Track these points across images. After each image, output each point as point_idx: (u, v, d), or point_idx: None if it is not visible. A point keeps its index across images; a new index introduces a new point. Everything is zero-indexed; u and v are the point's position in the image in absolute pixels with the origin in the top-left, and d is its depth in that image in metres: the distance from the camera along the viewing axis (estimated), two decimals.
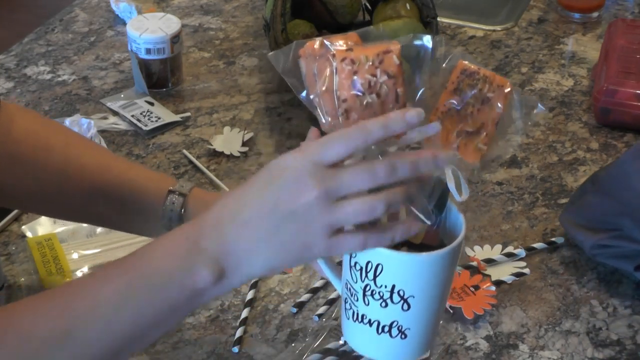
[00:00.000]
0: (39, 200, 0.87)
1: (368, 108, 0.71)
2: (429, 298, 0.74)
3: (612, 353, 0.91)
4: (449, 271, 0.74)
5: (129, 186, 0.85)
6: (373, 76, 0.71)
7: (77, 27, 1.44)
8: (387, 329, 0.74)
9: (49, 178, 0.84)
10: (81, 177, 0.84)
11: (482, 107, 0.74)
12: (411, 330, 0.74)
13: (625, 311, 0.96)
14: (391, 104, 0.71)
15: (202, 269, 0.66)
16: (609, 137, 1.23)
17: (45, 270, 0.96)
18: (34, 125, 0.85)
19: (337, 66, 0.70)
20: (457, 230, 0.75)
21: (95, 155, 0.87)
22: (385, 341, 0.75)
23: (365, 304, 0.74)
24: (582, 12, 1.51)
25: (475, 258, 1.00)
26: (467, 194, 0.72)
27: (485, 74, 0.74)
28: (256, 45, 1.40)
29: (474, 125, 0.74)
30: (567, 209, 1.03)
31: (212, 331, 0.92)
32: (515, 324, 0.94)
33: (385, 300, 0.72)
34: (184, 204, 0.85)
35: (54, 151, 0.84)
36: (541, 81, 1.35)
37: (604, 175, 1.00)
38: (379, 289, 0.72)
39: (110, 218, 0.88)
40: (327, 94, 0.71)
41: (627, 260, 0.97)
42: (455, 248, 0.73)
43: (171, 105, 1.27)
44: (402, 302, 0.72)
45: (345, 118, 0.71)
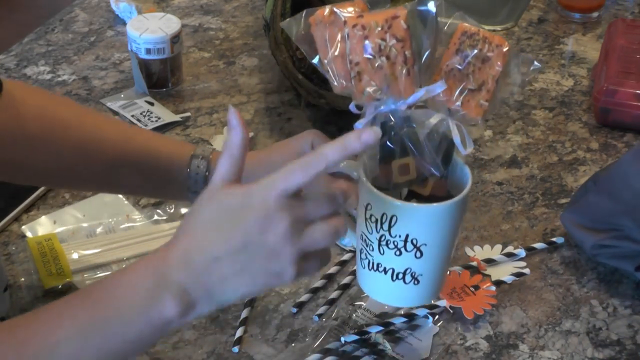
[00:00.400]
0: (62, 176, 0.88)
1: (379, 70, 0.76)
2: (439, 246, 0.79)
3: (612, 353, 0.91)
4: (458, 220, 0.79)
5: (152, 154, 0.86)
6: (383, 40, 0.76)
7: (77, 27, 1.44)
8: (401, 276, 0.79)
9: (69, 154, 0.85)
10: (102, 151, 0.85)
11: (483, 65, 0.78)
12: (423, 277, 0.79)
13: (625, 311, 0.96)
14: (400, 65, 0.77)
15: (170, 300, 0.66)
16: (609, 137, 1.23)
17: (45, 270, 0.96)
18: (46, 104, 0.85)
19: (349, 32, 0.75)
20: (464, 181, 0.79)
21: (112, 127, 0.88)
22: (400, 287, 0.80)
23: (381, 254, 0.78)
24: (582, 12, 1.51)
25: (475, 258, 1.01)
26: (471, 147, 0.78)
27: (484, 35, 0.78)
28: (256, 45, 1.40)
29: (475, 83, 0.78)
30: (568, 208, 1.03)
31: (212, 331, 0.92)
32: (515, 324, 0.94)
33: (400, 249, 0.78)
34: (209, 167, 0.86)
35: (70, 128, 0.85)
36: (541, 81, 1.35)
37: (605, 175, 1.00)
38: (393, 239, 0.77)
39: (135, 186, 0.90)
40: (339, 58, 0.77)
41: (627, 260, 0.97)
42: (463, 198, 0.77)
43: (171, 105, 1.27)
44: (415, 250, 0.77)
45: (357, 80, 0.76)
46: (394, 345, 0.90)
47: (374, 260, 0.80)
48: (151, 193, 0.95)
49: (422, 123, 0.78)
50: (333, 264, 1.00)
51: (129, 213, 1.06)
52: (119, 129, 0.88)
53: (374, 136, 0.69)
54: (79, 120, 0.86)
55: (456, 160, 0.81)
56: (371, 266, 0.80)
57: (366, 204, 0.78)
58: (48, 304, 0.69)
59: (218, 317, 0.93)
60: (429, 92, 0.76)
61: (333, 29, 0.77)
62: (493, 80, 0.79)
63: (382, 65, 0.77)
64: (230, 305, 0.94)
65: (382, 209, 0.77)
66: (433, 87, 0.77)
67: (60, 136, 0.84)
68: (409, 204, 0.78)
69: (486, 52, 0.79)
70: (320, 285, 0.97)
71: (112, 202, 1.08)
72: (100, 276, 0.97)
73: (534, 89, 1.33)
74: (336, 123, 1.24)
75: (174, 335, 0.91)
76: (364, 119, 0.77)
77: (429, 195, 0.81)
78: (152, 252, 0.69)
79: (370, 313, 0.93)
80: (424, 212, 0.77)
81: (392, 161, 0.79)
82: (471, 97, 0.79)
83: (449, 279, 0.96)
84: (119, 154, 0.85)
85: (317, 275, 0.98)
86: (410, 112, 0.78)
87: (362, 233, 0.80)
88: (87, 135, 0.85)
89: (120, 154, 0.85)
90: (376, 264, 0.80)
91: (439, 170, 0.78)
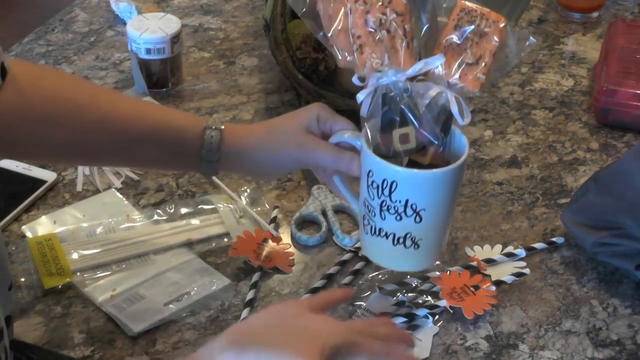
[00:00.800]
0: (79, 153, 0.90)
1: (379, 43, 0.81)
2: (438, 211, 0.83)
3: (612, 353, 0.91)
4: (456, 186, 0.84)
5: (165, 128, 0.89)
6: (383, 14, 0.82)
7: (77, 27, 1.44)
8: (402, 240, 0.84)
9: (86, 133, 0.86)
10: (117, 128, 0.87)
11: (480, 40, 0.83)
12: (423, 241, 0.84)
13: (625, 311, 0.96)
14: (400, 38, 0.82)
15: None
16: (609, 137, 1.23)
17: (45, 270, 0.96)
18: (60, 86, 0.87)
19: (352, 7, 0.81)
20: (461, 151, 0.83)
21: (126, 104, 0.90)
22: (400, 251, 0.84)
23: (382, 219, 0.83)
24: (582, 12, 1.50)
25: (475, 258, 1.01)
26: (468, 117, 0.82)
27: (482, 11, 0.82)
28: (256, 45, 1.40)
29: (473, 57, 0.83)
30: (568, 208, 1.03)
31: (212, 331, 0.92)
32: (515, 324, 0.94)
33: (400, 214, 0.82)
34: (221, 136, 0.89)
35: (85, 108, 0.86)
36: (541, 81, 1.35)
37: (606, 174, 1.00)
38: (394, 204, 0.81)
39: (150, 159, 0.92)
40: (342, 32, 0.82)
41: (628, 259, 0.97)
42: (460, 165, 0.82)
43: (171, 105, 1.27)
44: (415, 215, 0.82)
45: (360, 53, 0.82)
46: None
47: (375, 225, 0.84)
48: (166, 165, 0.98)
49: (421, 95, 0.82)
50: (333, 264, 1.00)
51: (129, 213, 1.06)
52: (132, 106, 0.90)
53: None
54: (93, 99, 0.88)
55: (454, 130, 0.85)
56: (373, 231, 0.85)
57: (368, 170, 0.83)
58: None
59: (218, 317, 0.93)
60: (428, 65, 0.81)
61: (336, 5, 0.82)
62: (490, 54, 0.83)
63: (383, 39, 0.81)
64: (230, 305, 0.94)
65: (383, 175, 0.81)
66: (432, 59, 0.81)
67: (76, 117, 0.86)
68: (409, 170, 0.82)
69: (484, 27, 0.83)
70: (320, 285, 0.97)
71: (112, 202, 1.08)
72: (100, 276, 0.97)
73: (534, 89, 1.33)
74: None
75: (174, 335, 0.91)
76: (366, 90, 0.82)
77: (428, 164, 0.84)
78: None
79: (370, 313, 0.93)
80: (423, 177, 0.81)
81: (393, 130, 0.83)
82: (469, 70, 0.83)
83: (449, 278, 0.97)
84: (133, 130, 0.88)
85: (317, 275, 0.98)
86: (410, 84, 0.82)
87: (365, 199, 0.84)
88: (102, 113, 0.87)
89: (135, 129, 0.88)
90: (378, 229, 0.84)
91: (437, 139, 0.83)
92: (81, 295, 0.95)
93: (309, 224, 1.06)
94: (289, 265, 1.00)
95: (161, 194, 1.10)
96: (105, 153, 0.90)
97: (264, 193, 1.10)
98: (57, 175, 1.11)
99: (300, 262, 1.01)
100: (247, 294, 0.95)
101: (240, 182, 1.11)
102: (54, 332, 0.91)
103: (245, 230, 1.02)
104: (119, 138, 0.87)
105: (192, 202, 1.08)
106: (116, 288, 0.95)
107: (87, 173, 1.12)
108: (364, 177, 0.84)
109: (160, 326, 0.92)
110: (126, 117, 0.88)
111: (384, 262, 0.89)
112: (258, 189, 1.10)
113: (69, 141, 0.86)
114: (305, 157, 0.88)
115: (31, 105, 0.83)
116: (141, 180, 1.12)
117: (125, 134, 0.87)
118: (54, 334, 0.91)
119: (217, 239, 1.03)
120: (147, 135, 0.88)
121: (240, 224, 1.05)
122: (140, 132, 0.88)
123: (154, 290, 0.95)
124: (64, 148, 0.87)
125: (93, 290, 0.95)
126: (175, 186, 1.11)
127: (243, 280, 0.98)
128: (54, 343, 0.90)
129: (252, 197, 1.09)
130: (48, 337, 0.91)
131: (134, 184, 1.11)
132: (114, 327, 0.92)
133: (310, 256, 1.02)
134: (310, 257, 1.01)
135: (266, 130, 0.90)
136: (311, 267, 1.00)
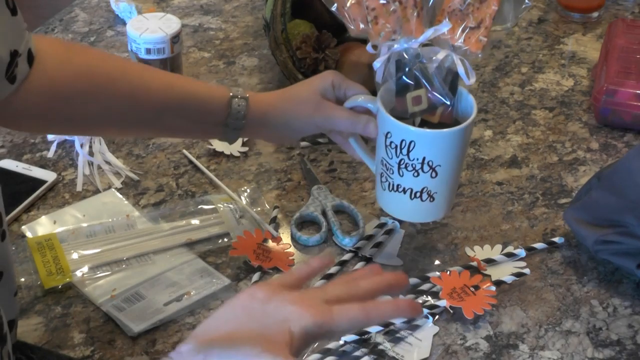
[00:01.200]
0: (112, 124, 0.93)
1: (392, 14, 0.89)
2: (451, 166, 0.91)
3: (612, 353, 0.91)
4: (466, 143, 0.93)
5: (194, 98, 0.93)
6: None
7: (77, 27, 1.44)
8: (419, 195, 0.92)
9: (118, 105, 0.90)
10: (147, 99, 0.91)
11: (481, 5, 0.91)
12: (438, 194, 0.93)
13: (625, 311, 0.96)
14: (411, 9, 0.89)
15: None
16: (609, 137, 1.23)
17: (45, 270, 0.96)
18: (93, 61, 0.90)
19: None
20: (469, 110, 0.92)
21: (155, 76, 0.93)
22: (417, 205, 0.93)
23: (400, 176, 0.91)
24: (582, 12, 1.50)
25: (475, 258, 1.00)
26: (473, 77, 0.90)
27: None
28: (256, 45, 1.40)
29: (475, 21, 0.91)
30: (571, 205, 1.03)
31: None
32: (515, 324, 0.94)
33: (417, 171, 0.90)
34: (247, 104, 0.93)
35: (117, 81, 0.89)
36: (541, 81, 1.35)
37: (609, 172, 1.00)
38: (411, 162, 0.90)
39: (179, 128, 0.96)
40: (355, 5, 0.89)
41: (629, 258, 0.97)
42: (471, 123, 0.90)
43: None
44: (431, 170, 0.90)
45: (374, 24, 0.90)
46: (394, 345, 0.90)
47: (393, 182, 0.92)
48: (191, 133, 1.03)
49: (430, 59, 0.90)
50: (333, 264, 1.00)
51: (129, 213, 1.06)
52: (161, 77, 0.94)
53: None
54: (124, 72, 0.91)
55: (461, 90, 0.93)
56: (391, 187, 0.93)
57: (386, 132, 0.90)
58: None
59: None
60: (437, 31, 0.89)
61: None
62: (490, 18, 0.91)
63: (396, 10, 0.89)
64: None
65: (401, 135, 0.89)
66: (440, 26, 0.89)
67: (109, 90, 0.89)
68: (426, 130, 0.90)
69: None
70: (320, 285, 0.97)
71: (112, 202, 1.08)
72: (100, 276, 0.97)
73: (534, 89, 1.33)
74: None
75: (174, 335, 0.91)
76: (380, 57, 0.90)
77: (438, 123, 0.92)
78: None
79: None
80: (439, 136, 0.90)
81: (407, 93, 0.91)
82: (471, 34, 0.91)
83: (449, 278, 0.97)
84: (163, 100, 0.91)
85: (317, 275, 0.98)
86: (420, 49, 0.90)
87: (383, 158, 0.92)
88: (133, 85, 0.90)
89: (164, 100, 0.91)
90: (396, 185, 0.92)
91: (448, 98, 0.90)
92: (81, 295, 0.95)
93: (309, 224, 1.06)
94: (289, 265, 1.00)
95: (161, 194, 1.10)
96: (135, 124, 0.94)
97: (264, 193, 1.10)
98: (57, 175, 1.11)
99: (300, 262, 1.01)
100: None
101: (240, 182, 1.11)
102: (54, 332, 0.91)
103: (245, 230, 1.02)
104: (148, 109, 0.91)
105: (192, 202, 1.08)
106: (116, 288, 0.95)
107: (87, 173, 1.12)
108: (381, 138, 0.91)
109: (160, 326, 0.92)
110: (155, 88, 0.91)
111: (402, 215, 0.98)
112: (258, 189, 1.10)
113: (100, 114, 0.89)
114: (323, 121, 0.95)
115: (63, 85, 0.86)
116: (141, 180, 1.12)
117: (155, 106, 0.91)
118: (54, 334, 0.91)
119: (217, 239, 1.03)
120: (175, 107, 0.92)
121: (240, 224, 1.05)
122: (169, 102, 0.91)
123: (154, 290, 0.95)
124: (95, 120, 0.90)
125: (93, 290, 0.95)
126: (175, 186, 1.11)
127: (243, 280, 0.98)
128: (54, 343, 0.90)
129: (252, 197, 1.09)
130: (48, 337, 0.91)
131: (134, 184, 1.11)
132: (114, 327, 0.92)
133: (310, 256, 1.01)
134: (310, 257, 1.01)
135: (286, 98, 0.96)
136: None
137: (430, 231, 1.05)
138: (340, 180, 1.13)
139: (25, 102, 0.83)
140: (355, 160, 1.16)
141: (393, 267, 1.00)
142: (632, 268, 0.97)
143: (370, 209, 1.08)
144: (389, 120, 0.89)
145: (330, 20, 1.23)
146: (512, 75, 1.36)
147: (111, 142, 1.18)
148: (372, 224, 1.05)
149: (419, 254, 1.02)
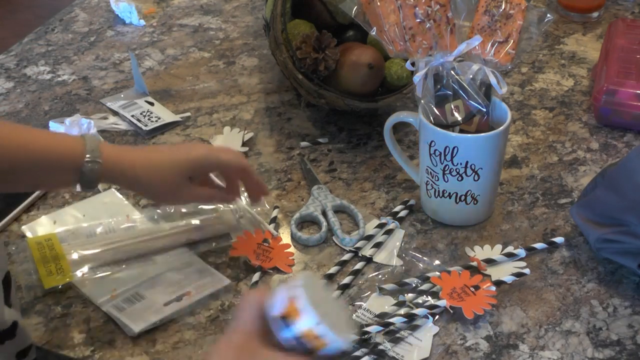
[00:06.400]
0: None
1: (428, 31, 0.97)
2: (492, 168, 1.00)
3: (612, 353, 0.91)
4: (504, 146, 1.01)
5: (46, 158, 0.87)
6: (429, 7, 0.98)
7: (77, 27, 1.44)
8: (463, 198, 1.01)
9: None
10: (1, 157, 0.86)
11: (507, 21, 0.99)
12: (481, 196, 1.01)
13: (625, 311, 0.96)
14: (444, 25, 0.97)
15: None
16: (609, 137, 1.23)
17: (45, 270, 0.96)
18: None
19: (401, 3, 0.97)
20: (503, 116, 0.99)
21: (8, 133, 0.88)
22: (462, 208, 1.02)
23: (445, 181, 1.00)
24: (582, 12, 1.51)
25: (476, 258, 1.01)
26: (505, 87, 0.98)
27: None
28: (256, 45, 1.40)
29: (503, 36, 0.99)
30: (578, 202, 1.03)
31: (212, 331, 0.92)
32: (515, 324, 0.94)
33: (461, 175, 0.98)
34: (101, 170, 0.88)
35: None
36: (541, 81, 1.35)
37: (613, 170, 1.00)
38: (455, 167, 0.98)
39: (29, 185, 0.95)
40: (393, 26, 0.97)
41: (631, 257, 0.97)
42: (507, 127, 0.98)
43: (171, 105, 1.27)
44: (474, 174, 0.98)
45: (412, 41, 0.97)
46: (394, 345, 0.90)
47: (439, 188, 1.00)
48: (44, 189, 1.06)
49: (465, 72, 0.98)
50: (333, 264, 1.00)
51: (129, 213, 1.06)
52: (13, 136, 0.88)
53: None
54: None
55: (494, 100, 1.00)
56: (437, 194, 1.01)
57: (430, 141, 0.98)
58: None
59: (218, 317, 0.93)
60: (469, 45, 0.96)
61: (384, 5, 0.97)
62: (516, 32, 0.99)
63: (431, 27, 0.97)
64: (230, 305, 0.94)
65: (445, 142, 0.96)
66: (472, 40, 0.97)
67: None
68: (468, 135, 0.97)
69: (509, 10, 0.99)
70: None
71: (112, 202, 1.08)
72: (100, 276, 0.97)
73: (534, 89, 1.33)
74: (336, 123, 1.24)
75: (174, 335, 0.91)
76: (419, 72, 0.97)
77: (475, 131, 0.99)
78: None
79: (370, 313, 0.93)
80: (480, 140, 0.97)
81: (446, 104, 0.98)
82: (500, 47, 0.99)
83: (449, 278, 0.97)
84: (15, 160, 0.86)
85: (317, 275, 0.98)
86: (455, 63, 0.97)
87: (427, 167, 1.00)
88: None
89: (16, 159, 0.86)
90: (441, 190, 1.00)
91: (484, 106, 0.98)
92: (81, 295, 0.95)
93: (309, 224, 1.06)
94: (289, 265, 1.00)
95: None
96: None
97: None
98: None
99: (300, 262, 1.01)
100: None
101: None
102: (54, 332, 0.91)
103: (246, 230, 1.02)
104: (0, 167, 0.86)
105: None
106: (116, 288, 0.95)
107: None
108: (425, 147, 0.99)
109: (160, 326, 0.92)
110: (7, 147, 0.86)
111: (448, 220, 1.04)
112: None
113: None
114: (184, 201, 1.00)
115: None
116: None
117: (6, 164, 0.86)
118: (54, 334, 0.91)
119: (217, 239, 1.03)
120: (28, 166, 0.87)
121: (240, 224, 1.05)
122: (21, 162, 0.87)
123: (154, 290, 0.95)
124: None
125: (93, 290, 0.95)
126: None
127: (243, 280, 0.98)
128: (54, 343, 0.90)
129: None
130: (48, 337, 0.91)
131: None
132: (114, 327, 0.92)
133: (310, 256, 1.02)
134: (310, 257, 1.01)
135: (145, 166, 0.91)
136: (311, 267, 1.00)
137: (430, 231, 1.05)
138: (340, 180, 1.13)
139: None
140: (355, 160, 1.16)
141: (393, 268, 1.00)
142: (633, 267, 0.97)
143: (370, 209, 1.08)
144: (432, 130, 0.96)
145: (330, 20, 1.23)
146: (512, 75, 1.36)
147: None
148: (372, 224, 1.05)
149: (419, 254, 1.02)
